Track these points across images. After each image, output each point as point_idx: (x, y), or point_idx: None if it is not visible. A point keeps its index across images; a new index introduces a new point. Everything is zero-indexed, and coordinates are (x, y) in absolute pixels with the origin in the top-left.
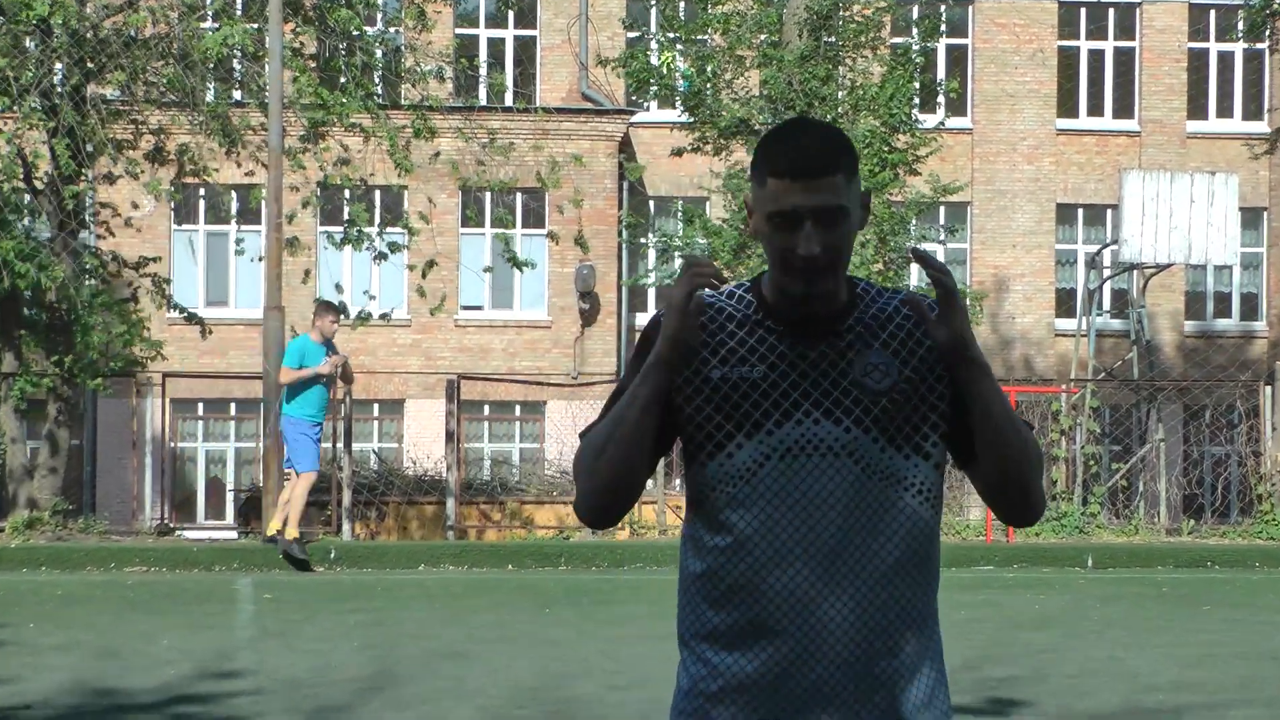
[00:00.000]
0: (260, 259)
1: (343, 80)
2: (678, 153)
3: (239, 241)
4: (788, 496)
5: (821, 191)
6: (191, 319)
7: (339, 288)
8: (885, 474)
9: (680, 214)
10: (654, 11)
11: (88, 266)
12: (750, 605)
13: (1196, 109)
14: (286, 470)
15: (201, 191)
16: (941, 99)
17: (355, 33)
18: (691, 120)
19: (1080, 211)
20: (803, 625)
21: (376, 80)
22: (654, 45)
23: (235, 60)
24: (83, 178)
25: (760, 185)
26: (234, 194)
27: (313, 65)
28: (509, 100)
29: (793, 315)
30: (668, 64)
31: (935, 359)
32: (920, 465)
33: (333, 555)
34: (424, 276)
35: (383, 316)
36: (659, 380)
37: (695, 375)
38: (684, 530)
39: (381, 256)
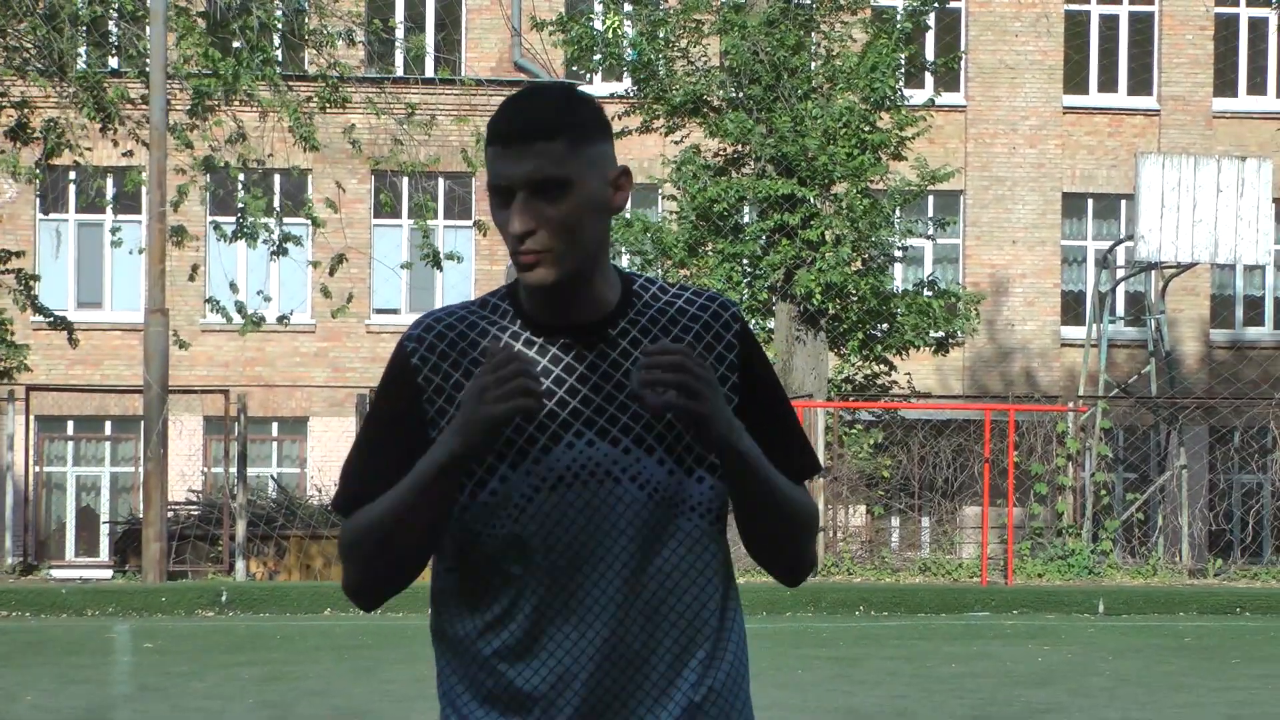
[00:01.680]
0: (140, 251)
1: (236, 45)
2: (620, 134)
3: (115, 231)
4: (564, 534)
5: (532, 158)
6: (58, 324)
7: (234, 287)
8: (674, 500)
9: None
10: None
11: None
12: (534, 672)
13: (1224, 84)
14: None
15: (72, 175)
16: (929, 68)
17: None
18: (639, 96)
19: (1090, 202)
20: (598, 692)
21: (276, 45)
22: (598, 7)
23: (111, 21)
24: None
25: (486, 155)
26: (110, 177)
27: (201, 25)
28: (430, 70)
29: (552, 320)
30: (613, 29)
31: (727, 365)
32: (705, 480)
33: (224, 598)
34: (331, 274)
35: (281, 319)
36: (449, 483)
37: (448, 404)
38: (438, 586)
39: (280, 251)
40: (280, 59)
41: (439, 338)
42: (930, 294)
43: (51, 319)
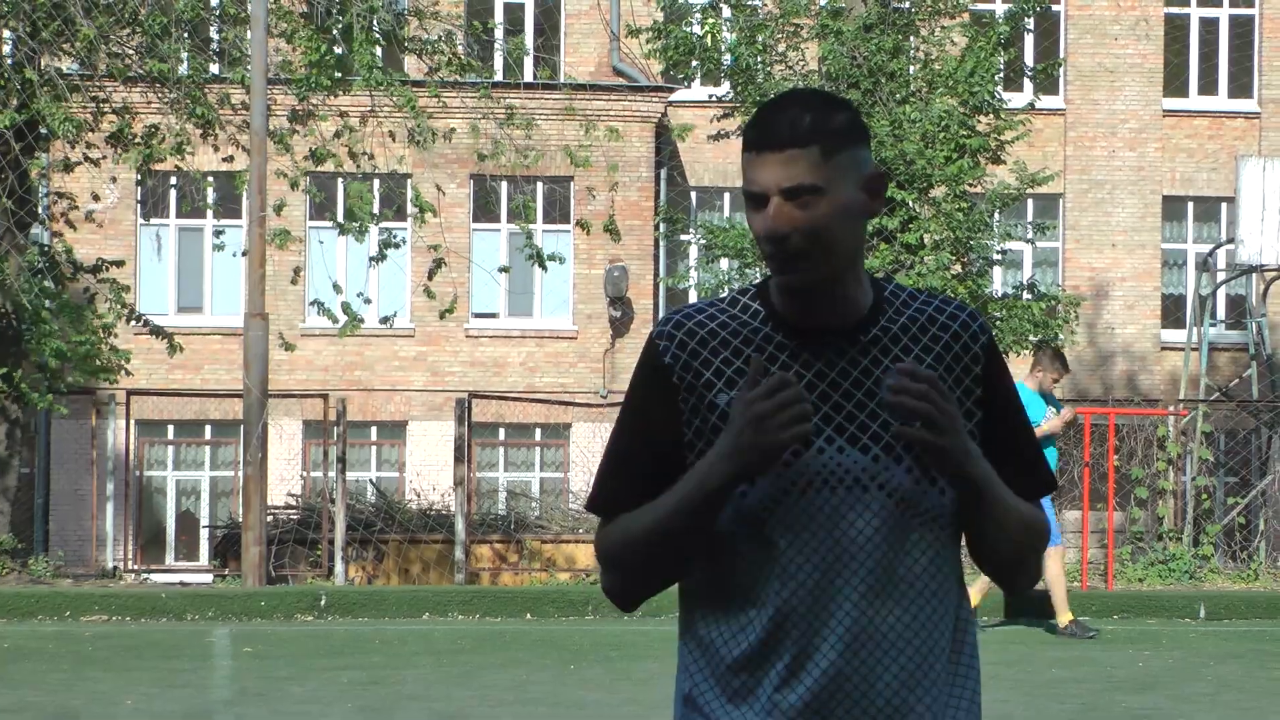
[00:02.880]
0: (243, 254)
1: (338, 50)
2: (717, 136)
3: (218, 234)
4: (812, 539)
5: (786, 166)
6: (157, 333)
7: (337, 288)
8: (920, 509)
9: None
10: None
11: (38, 266)
12: (774, 673)
13: None
14: None
15: (173, 180)
16: (1029, 75)
17: None
18: (736, 100)
19: (1190, 205)
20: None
21: (378, 49)
22: (695, 14)
23: (212, 26)
24: (36, 164)
25: (744, 163)
26: (211, 181)
27: (304, 25)
28: (529, 73)
29: (804, 322)
30: (713, 33)
31: (973, 378)
32: (948, 492)
33: (323, 602)
34: (430, 278)
35: (384, 320)
36: (717, 506)
37: (700, 403)
38: (687, 586)
39: (380, 257)
40: (381, 63)
41: (689, 335)
42: (1030, 297)
43: (150, 328)
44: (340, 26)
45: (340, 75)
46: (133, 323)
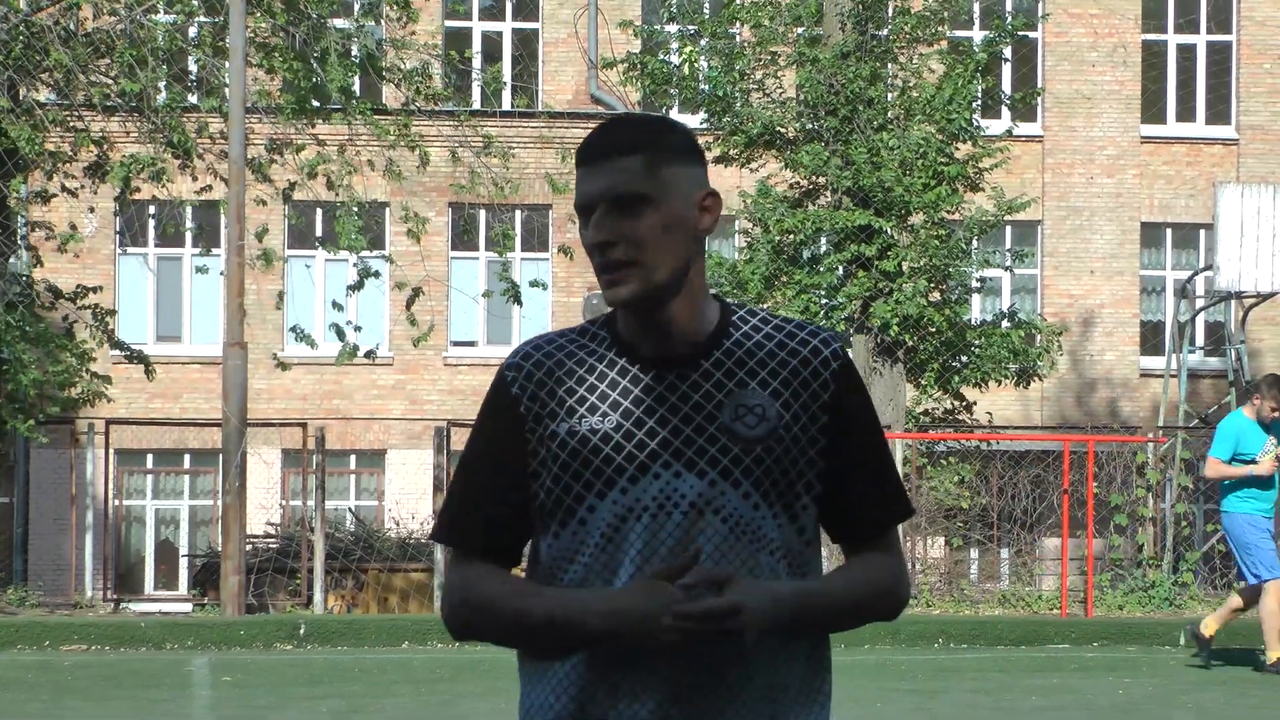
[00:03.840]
0: (222, 274)
1: (315, 72)
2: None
3: (201, 255)
4: (647, 565)
5: (612, 175)
6: (134, 358)
7: (337, 305)
8: (754, 535)
9: None
10: (673, 4)
11: (16, 297)
12: (612, 700)
13: None
14: (1240, 582)
15: (151, 210)
16: (1007, 103)
17: (325, 16)
18: (715, 128)
19: (1168, 232)
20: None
21: (354, 74)
22: (673, 44)
23: (190, 56)
24: (14, 193)
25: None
26: (190, 209)
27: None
28: (506, 102)
29: (647, 348)
30: (690, 61)
31: (819, 405)
32: (786, 530)
33: (302, 631)
34: (409, 306)
35: (368, 354)
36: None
37: (544, 432)
38: None
39: (358, 286)
40: (357, 95)
41: (537, 365)
42: (1009, 325)
43: (128, 353)
44: (316, 54)
45: (318, 104)
46: (113, 350)
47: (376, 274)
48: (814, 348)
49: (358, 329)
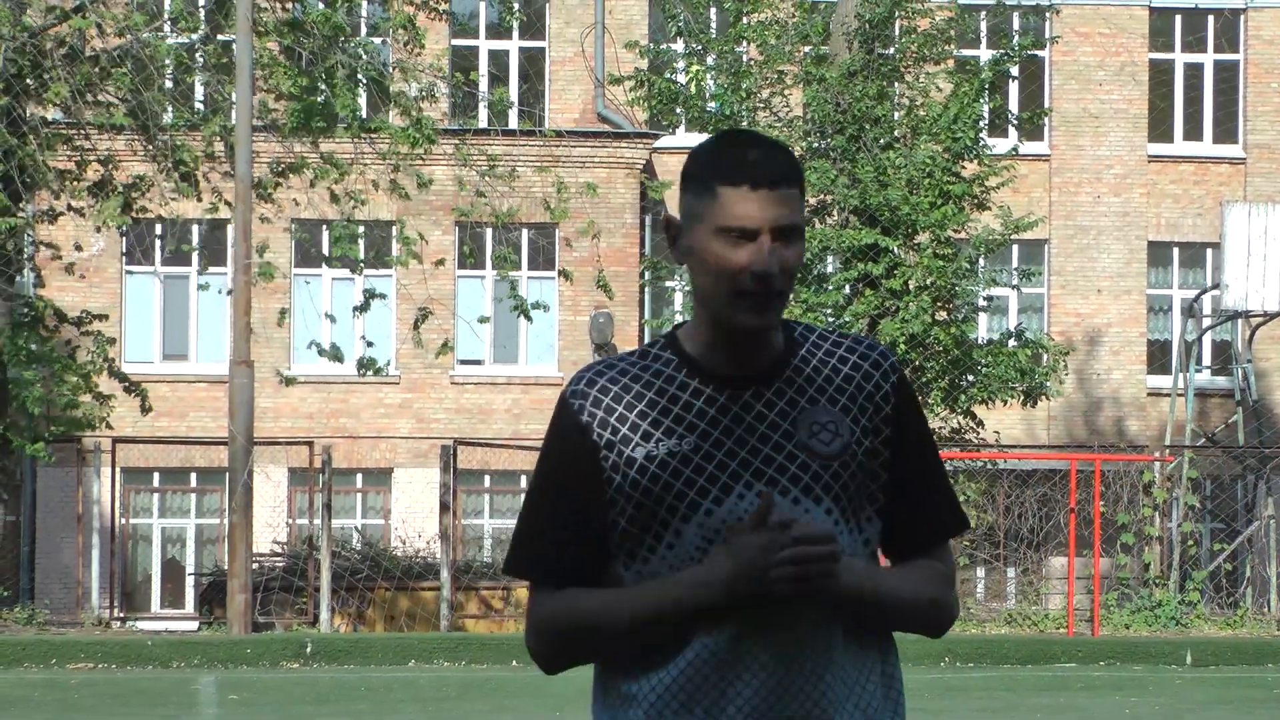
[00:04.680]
0: (228, 292)
1: (322, 90)
2: None
3: (201, 272)
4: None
5: (781, 204)
6: (131, 390)
7: (330, 318)
8: (841, 550)
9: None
10: (680, 21)
11: (23, 317)
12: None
13: None
14: None
15: (158, 229)
16: (1014, 122)
17: (334, 34)
18: None
19: (1175, 251)
20: None
21: (360, 95)
22: (679, 62)
23: (196, 75)
24: (20, 212)
25: (706, 195)
26: (195, 229)
27: (284, 60)
28: (513, 121)
29: (720, 368)
30: (696, 80)
31: (882, 418)
32: (857, 543)
33: (309, 650)
34: (416, 327)
35: (378, 370)
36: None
37: (619, 458)
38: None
39: (365, 307)
40: (362, 117)
41: (603, 391)
42: (1016, 344)
43: (127, 385)
44: (322, 73)
45: (324, 124)
46: (111, 378)
47: (382, 296)
48: (874, 361)
49: (370, 344)
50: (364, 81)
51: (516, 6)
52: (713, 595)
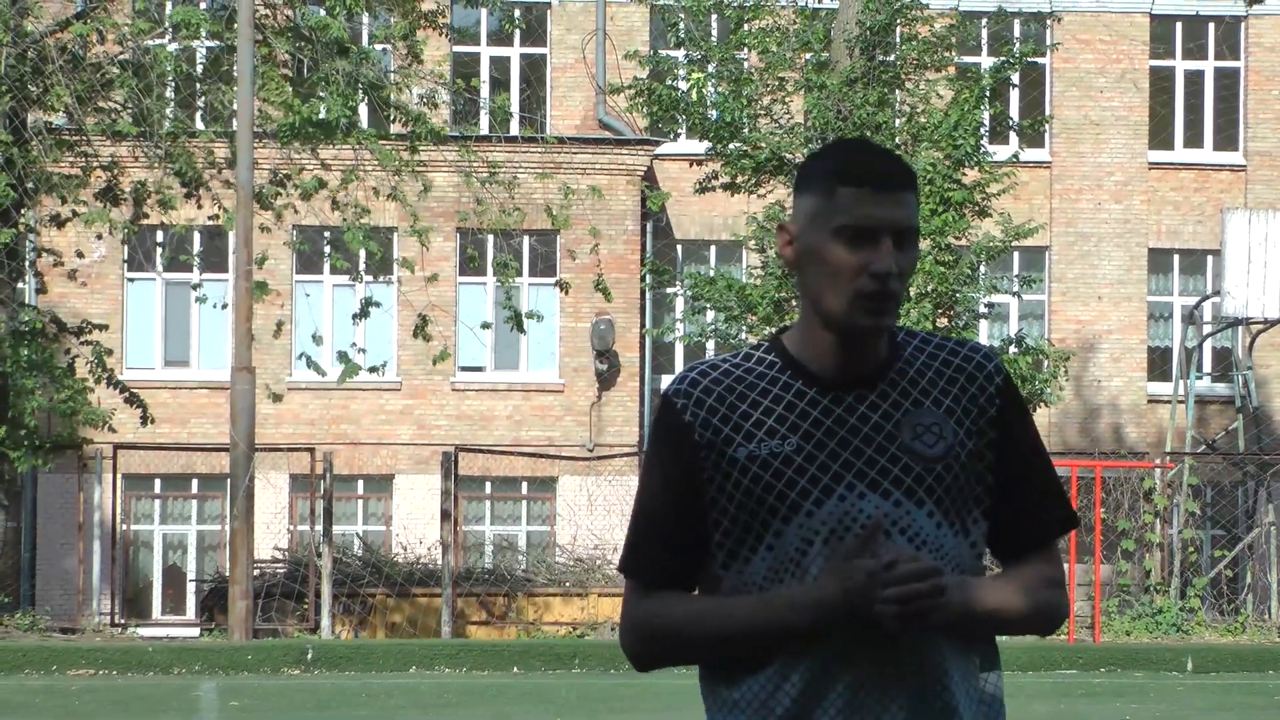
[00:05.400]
0: (224, 306)
1: (322, 95)
2: (702, 190)
3: (196, 288)
4: None
5: (902, 207)
6: (131, 401)
7: (317, 338)
8: (943, 553)
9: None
10: (681, 30)
11: (23, 327)
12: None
13: None
14: None
15: (159, 236)
16: (1015, 129)
17: (333, 40)
18: (721, 154)
19: (1176, 258)
20: None
21: (360, 97)
22: (679, 70)
23: (198, 82)
24: (22, 219)
25: (825, 196)
26: (197, 235)
27: (281, 72)
28: (514, 129)
29: (824, 371)
30: (698, 87)
31: (987, 420)
32: (962, 545)
33: (310, 656)
34: (415, 335)
35: (373, 369)
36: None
37: (721, 459)
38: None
39: (364, 314)
40: (361, 122)
41: (706, 392)
42: (1017, 350)
43: (127, 396)
44: (318, 78)
45: (323, 134)
46: (110, 388)
47: (378, 304)
48: (978, 363)
49: (361, 350)
50: (363, 86)
51: (517, 14)
52: (815, 619)
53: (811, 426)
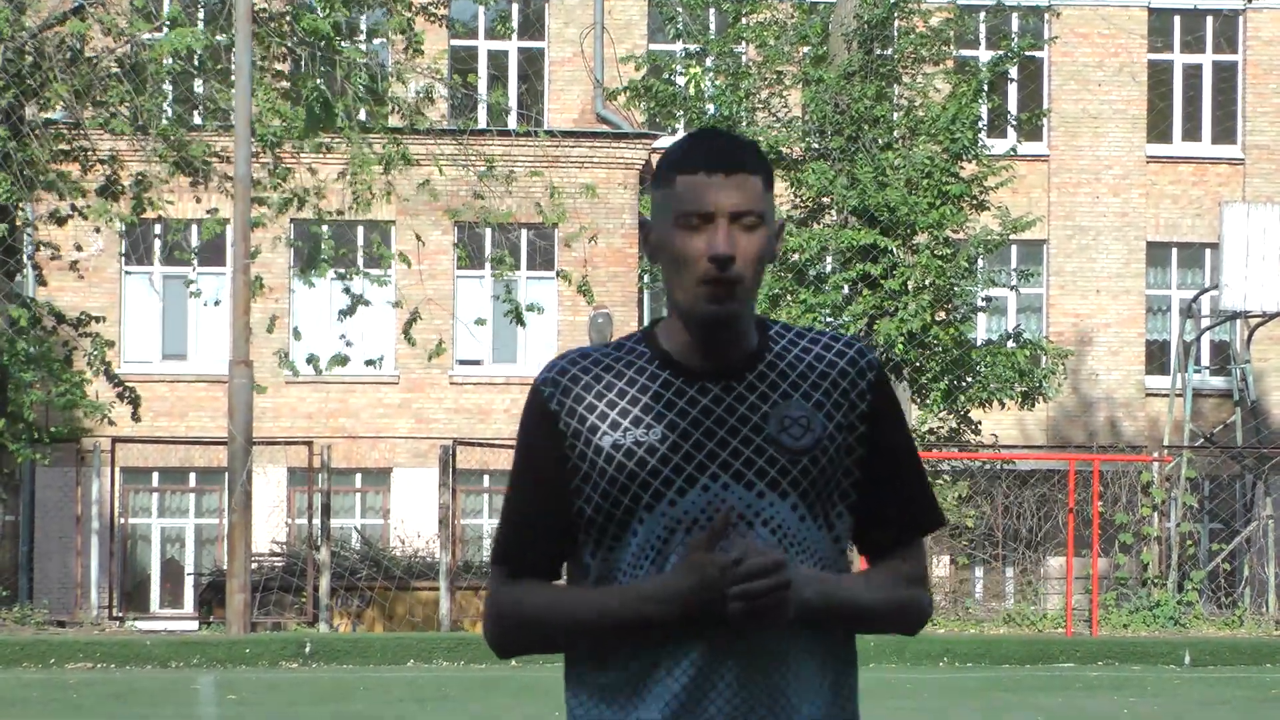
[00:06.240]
0: (216, 303)
1: (310, 91)
2: None
3: (189, 284)
4: None
5: (739, 189)
6: (124, 396)
7: (297, 333)
8: (800, 545)
9: None
10: (679, 23)
11: (18, 320)
12: (639, 705)
13: None
14: None
15: (157, 229)
16: (1013, 121)
17: (328, 41)
18: None
19: (1174, 251)
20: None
21: (360, 95)
22: (677, 64)
23: (196, 78)
24: (20, 212)
25: (667, 187)
26: (194, 229)
27: (283, 83)
28: (512, 122)
29: (692, 361)
30: (695, 82)
31: (857, 415)
32: (825, 539)
33: (308, 649)
34: (406, 331)
35: (368, 362)
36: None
37: (586, 447)
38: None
39: (350, 310)
40: (361, 119)
41: (574, 380)
42: (1014, 345)
43: (121, 390)
44: (315, 72)
45: (307, 133)
46: (107, 381)
47: (367, 303)
48: (850, 358)
49: (349, 344)
50: (361, 82)
51: (515, 16)
52: (669, 612)
53: (677, 416)
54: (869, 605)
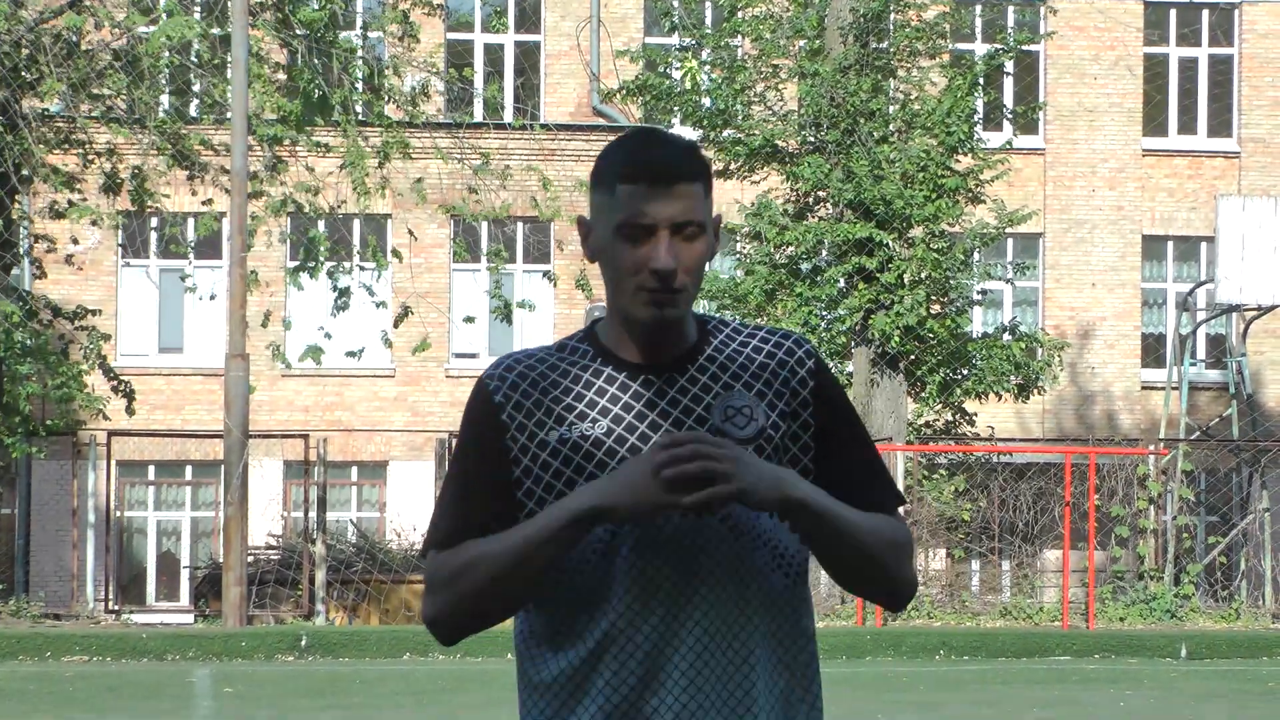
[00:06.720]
0: (211, 298)
1: (308, 82)
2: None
3: (185, 278)
4: (649, 568)
5: (679, 200)
6: (118, 389)
7: (286, 324)
8: (751, 534)
9: None
10: (675, 16)
11: (12, 314)
12: (627, 707)
13: None
14: None
15: (153, 222)
16: (1009, 114)
17: (323, 34)
18: (715, 141)
19: (1170, 244)
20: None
21: (358, 87)
22: (674, 58)
23: (191, 72)
24: (16, 205)
25: (608, 193)
26: (190, 222)
27: (279, 76)
28: (508, 116)
29: (634, 359)
30: (691, 76)
31: (800, 402)
32: (779, 528)
33: (304, 642)
34: (396, 326)
35: (350, 354)
36: (581, 533)
37: (530, 441)
38: (524, 628)
39: (342, 306)
40: (358, 111)
41: (520, 377)
42: (1010, 338)
43: (114, 383)
44: (312, 65)
45: (319, 142)
46: (102, 374)
47: (348, 297)
48: (788, 349)
49: (328, 336)
50: (359, 72)
51: (511, 10)
52: (600, 495)
53: (622, 410)
54: (858, 522)
